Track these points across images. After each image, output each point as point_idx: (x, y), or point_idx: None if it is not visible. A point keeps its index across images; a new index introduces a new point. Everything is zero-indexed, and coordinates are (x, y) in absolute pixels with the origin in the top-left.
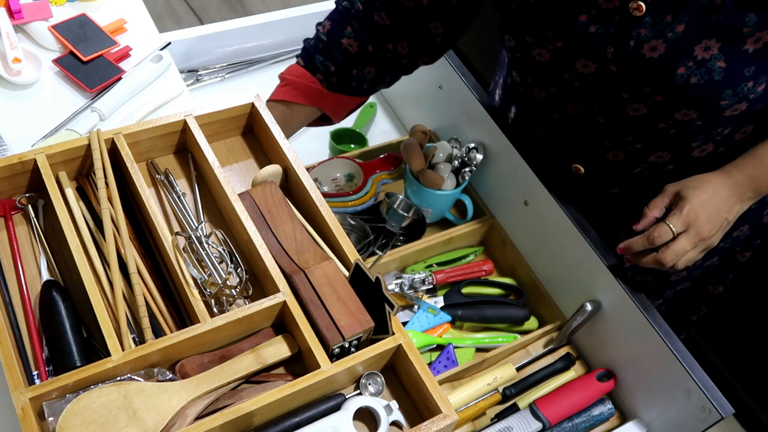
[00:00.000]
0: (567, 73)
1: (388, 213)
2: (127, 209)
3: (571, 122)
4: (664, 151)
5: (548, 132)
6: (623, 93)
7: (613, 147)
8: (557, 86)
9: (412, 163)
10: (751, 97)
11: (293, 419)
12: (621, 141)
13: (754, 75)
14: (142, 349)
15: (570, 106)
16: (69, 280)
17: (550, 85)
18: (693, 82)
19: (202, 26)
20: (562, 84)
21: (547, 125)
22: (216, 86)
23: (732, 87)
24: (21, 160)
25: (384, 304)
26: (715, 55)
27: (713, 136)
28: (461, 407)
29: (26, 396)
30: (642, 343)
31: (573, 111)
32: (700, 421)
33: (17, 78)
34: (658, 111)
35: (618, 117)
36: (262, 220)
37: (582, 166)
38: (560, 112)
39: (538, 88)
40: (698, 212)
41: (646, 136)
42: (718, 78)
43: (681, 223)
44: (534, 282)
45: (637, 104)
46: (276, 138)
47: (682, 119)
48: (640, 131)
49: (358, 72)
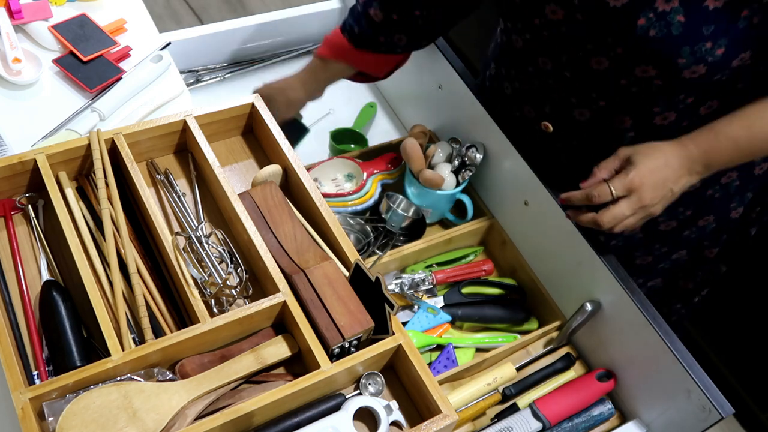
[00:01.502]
0: (537, 18)
1: (388, 213)
2: (127, 209)
3: (542, 76)
4: (626, 115)
5: (522, 85)
6: (587, 44)
7: (578, 104)
8: (530, 33)
9: (412, 163)
10: (709, 60)
11: (293, 419)
12: (586, 98)
13: (713, 35)
14: (142, 349)
15: (540, 59)
16: (69, 280)
17: (525, 31)
18: (651, 35)
19: (202, 26)
20: (533, 31)
21: (522, 78)
22: (216, 86)
23: (689, 44)
24: (21, 160)
25: (384, 304)
26: (676, 8)
27: (675, 103)
28: (461, 407)
29: (26, 396)
30: (642, 343)
31: (543, 63)
32: (700, 421)
33: (17, 78)
34: (620, 65)
35: (583, 71)
36: (262, 220)
37: (551, 123)
38: (533, 64)
39: (516, 35)
40: (644, 179)
41: (609, 94)
42: (676, 33)
43: (623, 186)
44: (534, 282)
45: (600, 57)
46: (276, 138)
47: (642, 76)
48: (603, 87)
49: (386, 39)
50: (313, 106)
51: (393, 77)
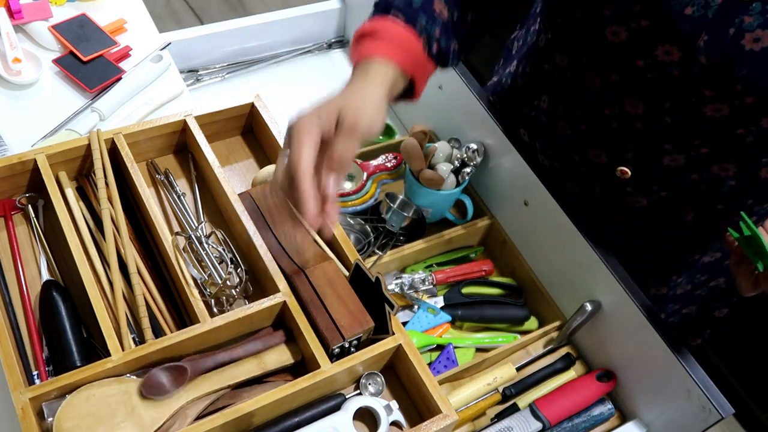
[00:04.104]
0: (643, 59)
1: (388, 213)
2: (127, 209)
3: (627, 119)
4: (731, 163)
5: (592, 127)
6: (706, 90)
7: (674, 150)
8: (622, 74)
9: (412, 163)
10: None
11: (293, 419)
12: (685, 144)
13: None
14: (142, 349)
15: (628, 100)
16: (69, 280)
17: (614, 71)
18: None
19: (202, 26)
20: (630, 72)
21: (593, 119)
22: (216, 86)
23: None
24: (21, 160)
25: (384, 304)
26: None
27: None
28: (461, 407)
29: (26, 396)
30: (642, 343)
31: (632, 107)
32: (700, 421)
33: (17, 78)
34: (743, 114)
35: (691, 118)
36: (262, 220)
37: (630, 169)
38: (614, 106)
39: (595, 74)
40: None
41: (717, 142)
42: None
43: None
44: (534, 282)
45: (720, 104)
46: (276, 138)
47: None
48: (712, 136)
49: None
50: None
51: None
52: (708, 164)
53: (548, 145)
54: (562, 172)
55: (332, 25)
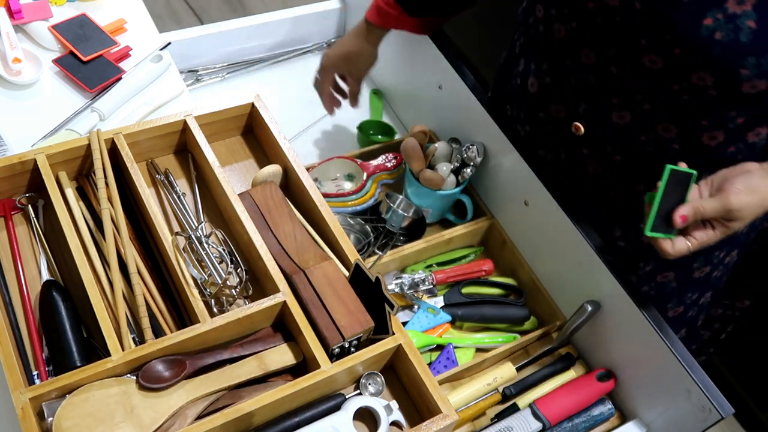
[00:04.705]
0: (593, 2)
1: (388, 213)
2: (127, 209)
3: (582, 71)
4: (672, 123)
5: (554, 80)
6: (642, 39)
7: (620, 106)
8: (579, 20)
9: (412, 163)
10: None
11: (293, 419)
12: (630, 99)
13: None
14: (142, 349)
15: (584, 50)
16: (69, 280)
17: (573, 18)
18: (717, 38)
19: (202, 26)
20: (584, 17)
21: (556, 73)
22: (216, 86)
23: (756, 55)
24: (21, 160)
25: (384, 304)
26: (747, 12)
27: (725, 121)
28: (461, 407)
29: (26, 396)
30: (642, 343)
31: (586, 57)
32: (700, 421)
33: (17, 78)
34: (675, 68)
35: (632, 68)
36: (262, 220)
37: (583, 125)
38: (573, 57)
39: (560, 23)
40: None
41: (657, 98)
42: (745, 39)
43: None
44: (534, 282)
45: (654, 55)
46: (276, 138)
47: (697, 84)
48: (651, 90)
49: None
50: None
51: (393, 77)
52: (652, 123)
53: (521, 108)
54: (534, 136)
55: (332, 25)
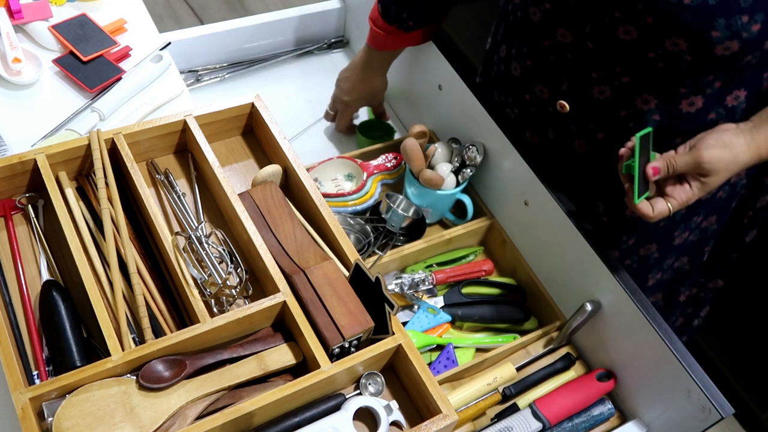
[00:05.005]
0: None
1: (388, 213)
2: (127, 209)
3: (560, 49)
4: (651, 94)
5: (535, 62)
6: (615, 11)
7: (600, 80)
8: (551, 2)
9: (412, 163)
10: (744, 36)
11: (293, 419)
12: (608, 72)
13: (751, 8)
14: (142, 349)
15: (560, 30)
16: (69, 280)
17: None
18: (686, 3)
19: (202, 26)
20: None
21: (536, 54)
22: (216, 86)
23: (725, 16)
24: (21, 160)
25: (384, 304)
26: None
27: (703, 86)
28: (461, 407)
29: (26, 396)
30: (642, 343)
31: (562, 36)
32: (700, 421)
33: (17, 78)
34: (649, 36)
35: (608, 42)
36: (262, 220)
37: (568, 102)
38: (550, 37)
39: (534, 6)
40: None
41: (635, 68)
42: (713, 2)
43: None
44: (534, 282)
45: (628, 25)
46: (276, 138)
47: (671, 50)
48: (628, 61)
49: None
50: (313, 106)
51: (393, 78)
52: (631, 96)
53: (508, 92)
54: (522, 119)
55: (332, 25)
